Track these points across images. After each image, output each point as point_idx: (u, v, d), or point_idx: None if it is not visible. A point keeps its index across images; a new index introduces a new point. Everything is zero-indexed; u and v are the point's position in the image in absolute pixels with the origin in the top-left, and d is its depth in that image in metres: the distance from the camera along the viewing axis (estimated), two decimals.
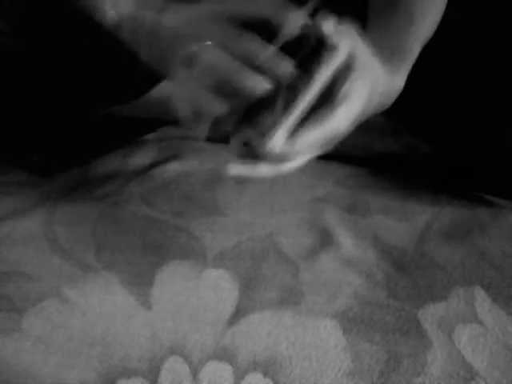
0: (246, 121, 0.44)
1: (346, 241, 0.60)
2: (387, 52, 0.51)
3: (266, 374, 0.47)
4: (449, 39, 0.57)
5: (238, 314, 0.52)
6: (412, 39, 0.52)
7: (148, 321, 0.50)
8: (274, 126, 0.42)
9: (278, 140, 0.43)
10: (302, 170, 0.46)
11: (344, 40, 0.43)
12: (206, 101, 0.41)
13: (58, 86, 0.57)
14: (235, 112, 0.44)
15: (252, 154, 0.44)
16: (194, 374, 0.47)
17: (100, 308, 0.51)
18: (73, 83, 0.58)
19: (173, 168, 0.69)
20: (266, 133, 0.43)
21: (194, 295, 0.53)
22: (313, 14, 0.43)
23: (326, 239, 0.60)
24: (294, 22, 0.41)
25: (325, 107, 0.44)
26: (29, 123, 0.61)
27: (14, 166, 0.66)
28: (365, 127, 0.51)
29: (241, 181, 0.46)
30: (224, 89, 0.40)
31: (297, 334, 0.50)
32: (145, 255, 0.57)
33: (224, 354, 0.48)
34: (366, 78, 0.45)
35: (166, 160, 0.70)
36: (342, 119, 0.44)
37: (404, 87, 0.54)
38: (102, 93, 0.61)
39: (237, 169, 0.43)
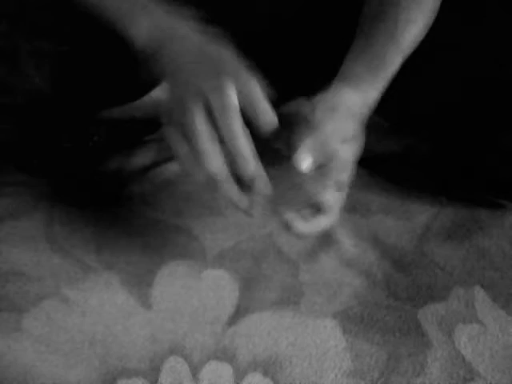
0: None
1: (346, 241, 0.60)
2: (367, 64, 0.50)
3: (266, 374, 0.47)
4: (449, 42, 0.57)
5: (238, 313, 0.52)
6: (393, 51, 0.51)
7: (148, 321, 0.50)
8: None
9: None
10: None
11: None
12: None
13: (57, 88, 0.57)
14: None
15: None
16: (194, 373, 0.47)
17: (100, 308, 0.51)
18: (72, 85, 0.58)
19: (173, 168, 0.69)
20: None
21: (194, 295, 0.53)
22: None
23: (326, 239, 0.60)
24: None
25: None
26: (28, 127, 0.61)
27: (15, 167, 0.66)
28: (365, 128, 0.51)
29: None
30: None
31: (297, 334, 0.50)
32: (145, 255, 0.57)
33: (224, 354, 0.48)
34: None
35: (166, 160, 0.70)
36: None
37: (404, 88, 0.54)
38: (101, 94, 0.61)
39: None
